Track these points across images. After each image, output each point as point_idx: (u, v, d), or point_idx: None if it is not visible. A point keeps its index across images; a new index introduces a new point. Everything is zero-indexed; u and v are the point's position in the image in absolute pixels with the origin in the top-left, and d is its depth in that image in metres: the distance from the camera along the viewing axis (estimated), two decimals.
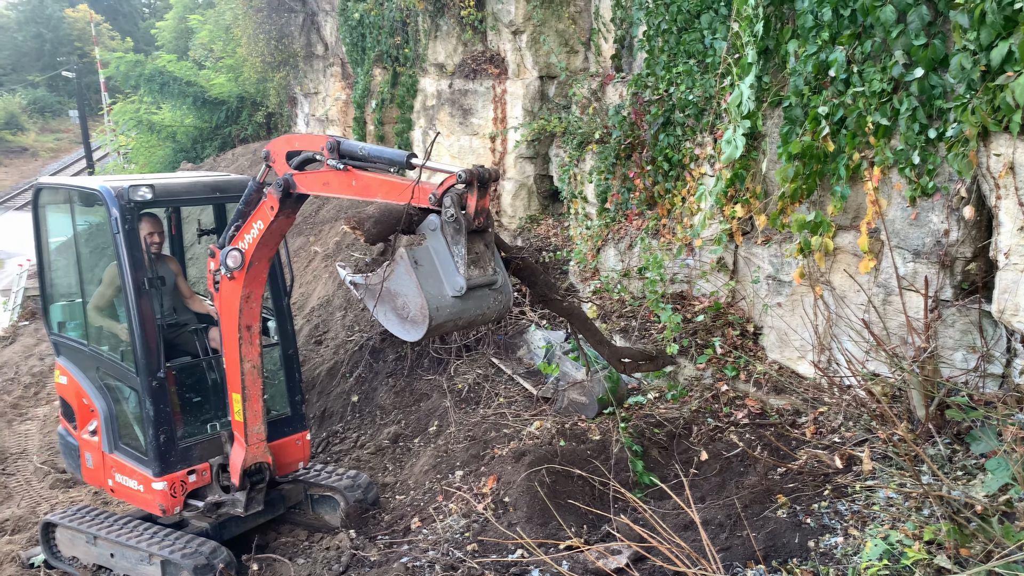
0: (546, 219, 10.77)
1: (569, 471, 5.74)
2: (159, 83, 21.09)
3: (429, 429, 7.84)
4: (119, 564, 5.79)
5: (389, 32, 13.00)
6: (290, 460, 6.56)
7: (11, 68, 70.17)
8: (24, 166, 58.03)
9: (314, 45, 17.52)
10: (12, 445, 9.76)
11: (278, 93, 19.60)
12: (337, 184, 4.63)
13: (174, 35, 37.58)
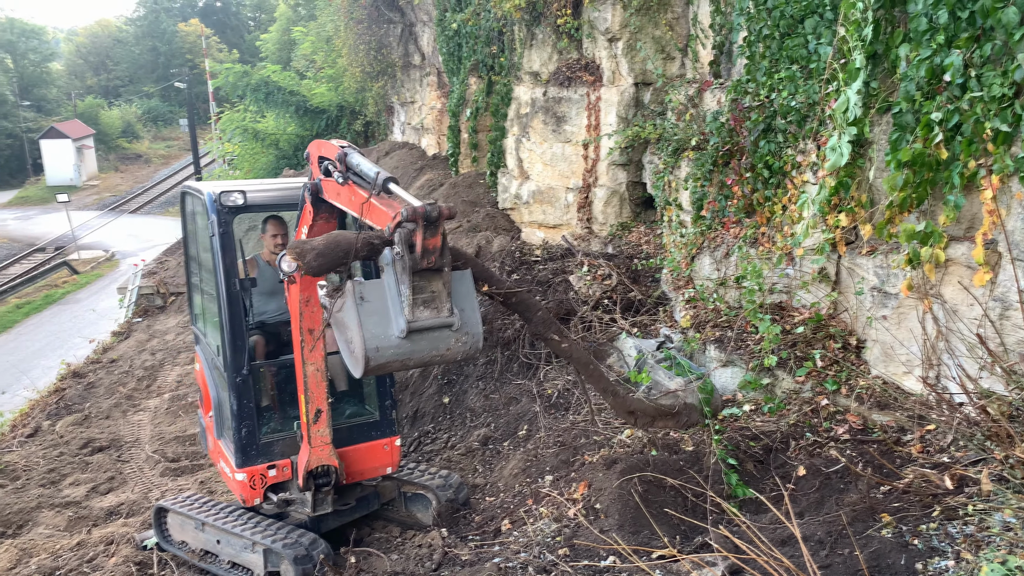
0: (638, 226, 10.71)
1: (661, 481, 5.68)
2: (264, 92, 22.02)
3: (519, 433, 7.91)
4: (224, 550, 6.07)
5: (485, 41, 13.20)
6: (377, 464, 6.53)
7: (128, 80, 74.55)
8: (138, 172, 61.56)
9: (411, 55, 17.95)
10: (126, 434, 10.35)
11: (376, 102, 20.16)
12: (343, 197, 4.57)
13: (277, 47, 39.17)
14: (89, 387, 12.34)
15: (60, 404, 11.61)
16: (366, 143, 22.20)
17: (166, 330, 15.44)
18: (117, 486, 8.61)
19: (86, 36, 79.22)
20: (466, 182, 14.50)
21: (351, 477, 6.41)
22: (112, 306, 24.25)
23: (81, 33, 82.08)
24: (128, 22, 77.92)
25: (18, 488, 8.47)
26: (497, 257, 11.52)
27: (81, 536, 7.10)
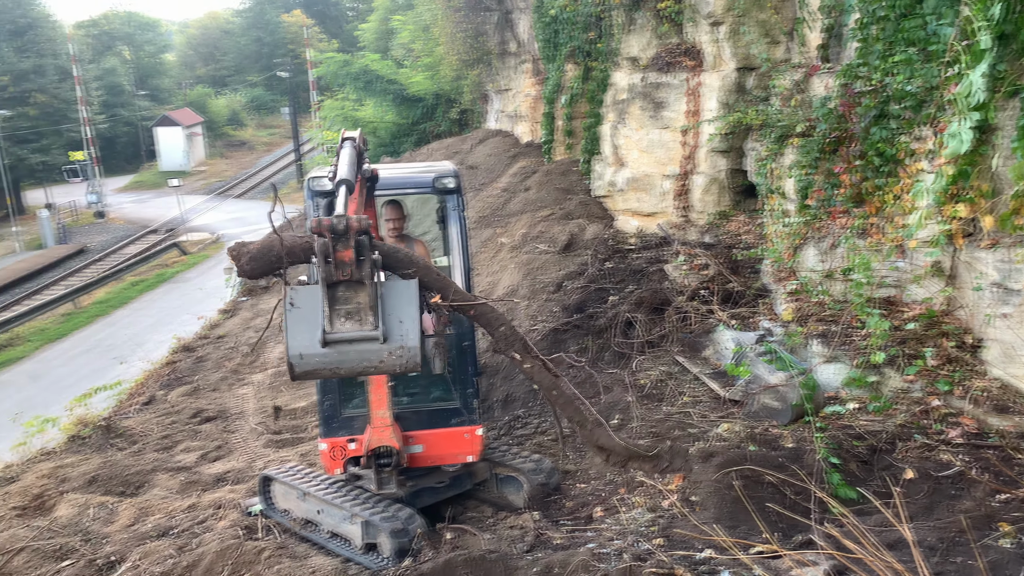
0: (738, 215, 10.46)
1: (759, 476, 5.56)
2: (364, 81, 22.54)
3: (611, 422, 7.86)
4: (325, 520, 6.29)
5: (583, 28, 13.11)
6: (456, 451, 6.47)
7: (235, 70, 77.49)
8: (243, 158, 64.11)
9: (507, 43, 18.01)
10: (232, 406, 10.84)
11: (471, 90, 20.33)
12: None
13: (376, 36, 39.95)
14: (199, 361, 12.98)
15: (172, 375, 12.26)
16: (461, 131, 22.44)
17: (269, 309, 16.08)
18: (224, 454, 9.04)
19: (197, 28, 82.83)
20: (560, 169, 14.48)
21: (430, 461, 6.44)
22: (219, 285, 25.40)
23: (192, 25, 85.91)
24: (236, 14, 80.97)
25: (136, 452, 9.01)
26: (590, 245, 11.48)
27: (192, 499, 7.49)
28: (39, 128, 44.40)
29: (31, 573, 6.07)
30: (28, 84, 43.82)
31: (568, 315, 9.66)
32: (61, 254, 36.62)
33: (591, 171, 13.23)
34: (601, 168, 12.76)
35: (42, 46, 45.10)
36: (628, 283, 9.77)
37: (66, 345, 24.85)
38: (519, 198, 14.65)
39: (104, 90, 54.60)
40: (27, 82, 43.76)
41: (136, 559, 6.04)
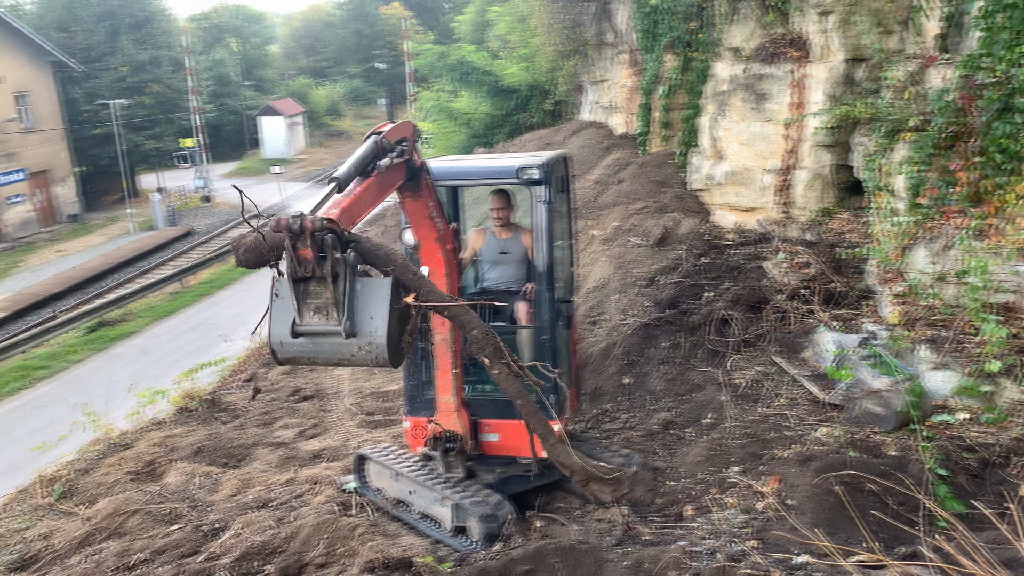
0: (841, 213, 10.09)
1: (860, 483, 5.38)
2: (460, 72, 22.77)
3: (703, 420, 7.74)
4: (416, 501, 6.43)
5: (684, 18, 12.87)
6: (527, 445, 6.13)
7: (335, 61, 79.62)
8: (340, 147, 65.86)
9: (604, 33, 17.86)
10: (328, 386, 11.19)
11: (566, 81, 20.27)
12: None
13: (472, 27, 40.27)
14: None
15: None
16: (554, 122, 22.41)
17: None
18: (320, 432, 9.35)
19: (300, 20, 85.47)
20: (655, 161, 14.28)
21: (505, 451, 6.45)
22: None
23: (296, 18, 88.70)
24: (337, 6, 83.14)
25: (238, 426, 9.42)
26: (685, 239, 11.29)
27: (290, 474, 7.78)
28: (153, 116, 46.77)
29: (143, 534, 6.45)
30: (145, 74, 46.17)
31: (660, 310, 9.54)
32: (170, 235, 38.56)
33: (688, 164, 12.99)
34: (698, 161, 12.52)
35: (158, 38, 47.42)
36: (724, 280, 9.57)
37: (173, 322, 26.17)
38: (612, 190, 14.53)
39: (213, 80, 57.02)
40: (144, 72, 46.11)
41: (238, 528, 6.32)
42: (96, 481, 7.73)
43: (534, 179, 6.17)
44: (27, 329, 25.73)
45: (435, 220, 5.65)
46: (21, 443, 16.95)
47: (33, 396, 20.89)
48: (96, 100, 42.73)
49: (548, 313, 6.32)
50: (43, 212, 40.43)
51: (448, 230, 5.86)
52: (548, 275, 6.30)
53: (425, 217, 5.55)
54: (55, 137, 41.10)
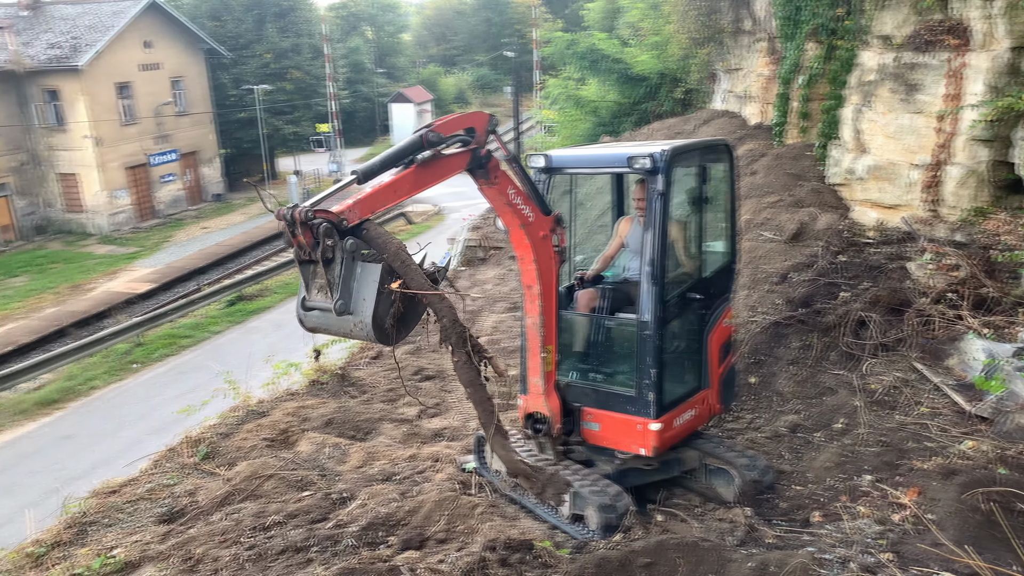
0: (998, 212, 9.37)
1: (1010, 502, 5.01)
2: (590, 60, 22.63)
3: (833, 425, 7.42)
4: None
5: (829, 4, 12.27)
6: (627, 440, 6.29)
7: (464, 49, 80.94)
8: None
9: (742, 20, 17.28)
10: (449, 368, 11.41)
11: (699, 69, 19.77)
12: None
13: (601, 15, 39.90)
14: (421, 323, 13.83)
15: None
16: (683, 111, 21.94)
17: (486, 280, 16.75)
18: (442, 412, 9.59)
19: (432, 9, 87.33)
20: (791, 153, 13.72)
21: (605, 442, 6.42)
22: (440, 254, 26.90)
23: (428, 6, 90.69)
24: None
25: (365, 400, 9.80)
26: (822, 236, 10.81)
27: (413, 450, 8.04)
28: (293, 101, 49.08)
29: (277, 497, 6.82)
30: (286, 61, 48.49)
31: (792, 309, 9.18)
32: None
33: (826, 157, 12.41)
34: (839, 154, 11.93)
35: (300, 27, 49.64)
36: (863, 279, 9.10)
37: None
38: (744, 182, 14.06)
39: (348, 67, 59.20)
40: (286, 59, 48.43)
41: (364, 498, 6.58)
42: (235, 445, 8.24)
43: (646, 168, 6.03)
44: (174, 300, 27.75)
45: (519, 207, 5.75)
46: (168, 405, 18.35)
47: (179, 363, 22.52)
48: (242, 85, 45.29)
49: (652, 309, 6.04)
50: (191, 191, 43.28)
51: (541, 219, 5.89)
52: (655, 269, 6.03)
53: (504, 204, 5.70)
54: (204, 120, 43.84)
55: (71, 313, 26.93)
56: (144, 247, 36.16)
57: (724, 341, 6.92)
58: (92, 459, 17.01)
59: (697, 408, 6.70)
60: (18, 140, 36.57)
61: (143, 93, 39.30)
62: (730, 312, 7.07)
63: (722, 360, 6.90)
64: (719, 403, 6.94)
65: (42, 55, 36.20)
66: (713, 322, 6.78)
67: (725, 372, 6.98)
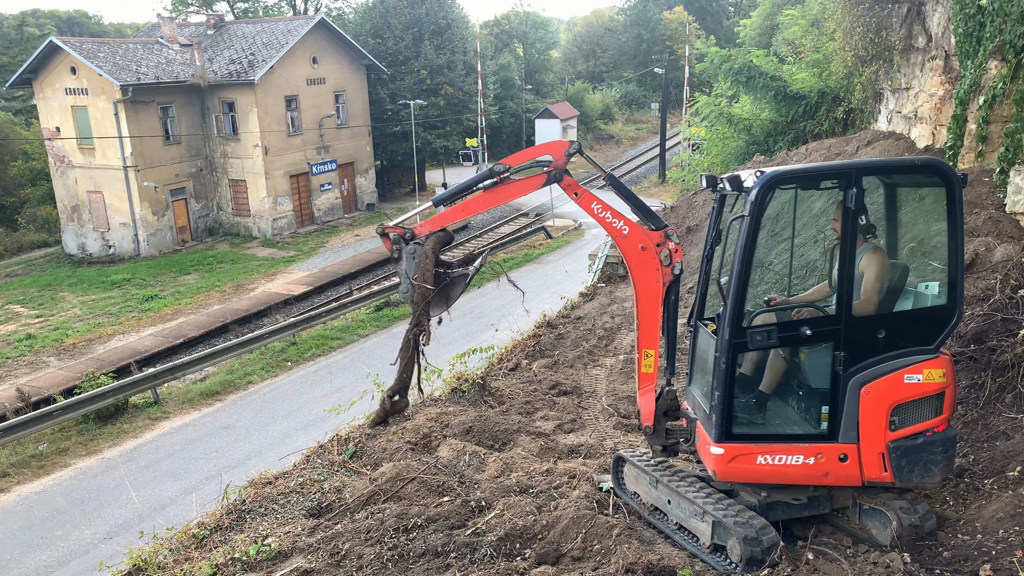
0: None
1: None
2: (745, 76, 22.05)
3: (1008, 473, 6.80)
4: (673, 511, 6.34)
5: (1019, 19, 11.33)
6: (704, 457, 6.34)
7: (612, 66, 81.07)
8: (609, 151, 66.93)
9: (915, 37, 16.29)
10: (585, 385, 11.42)
11: (864, 88, 18.80)
12: None
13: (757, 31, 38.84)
14: (559, 337, 13.88)
15: (536, 347, 13.27)
16: (844, 131, 20.91)
17: (625, 297, 16.60)
18: (577, 428, 9.57)
19: (583, 26, 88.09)
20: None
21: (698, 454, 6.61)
22: (579, 269, 26.91)
23: (579, 23, 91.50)
24: (620, 11, 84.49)
25: (503, 411, 9.94)
26: (999, 268, 9.96)
27: (549, 464, 8.06)
28: (444, 116, 50.83)
29: (419, 500, 7.02)
30: (441, 77, 50.34)
31: (962, 344, 8.51)
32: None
33: (1007, 183, 11.45)
34: (1021, 181, 10.99)
35: (455, 44, 51.42)
36: None
37: None
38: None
39: (498, 83, 60.68)
40: (440, 75, 50.28)
41: (501, 508, 6.65)
42: (381, 446, 8.56)
43: (725, 191, 6.21)
44: (326, 303, 29.34)
45: (608, 221, 6.61)
46: (317, 403, 19.40)
47: (329, 362, 23.75)
48: (398, 100, 47.36)
49: (728, 326, 5.83)
50: (346, 200, 45.66)
51: (638, 232, 6.55)
52: (733, 283, 5.81)
53: (596, 217, 6.69)
54: (362, 132, 46.20)
55: (234, 311, 29.08)
56: (301, 251, 38.48)
57: (899, 400, 5.99)
58: (247, 449, 18.24)
59: (822, 459, 6.04)
60: (197, 148, 39.98)
61: (308, 106, 41.93)
62: (931, 369, 5.96)
63: (896, 423, 6.01)
64: (890, 472, 6.01)
65: (223, 70, 39.42)
66: (879, 373, 5.98)
67: (909, 438, 6.01)
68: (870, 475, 6.02)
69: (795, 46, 24.68)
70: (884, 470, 5.98)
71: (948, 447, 6.01)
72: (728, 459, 5.97)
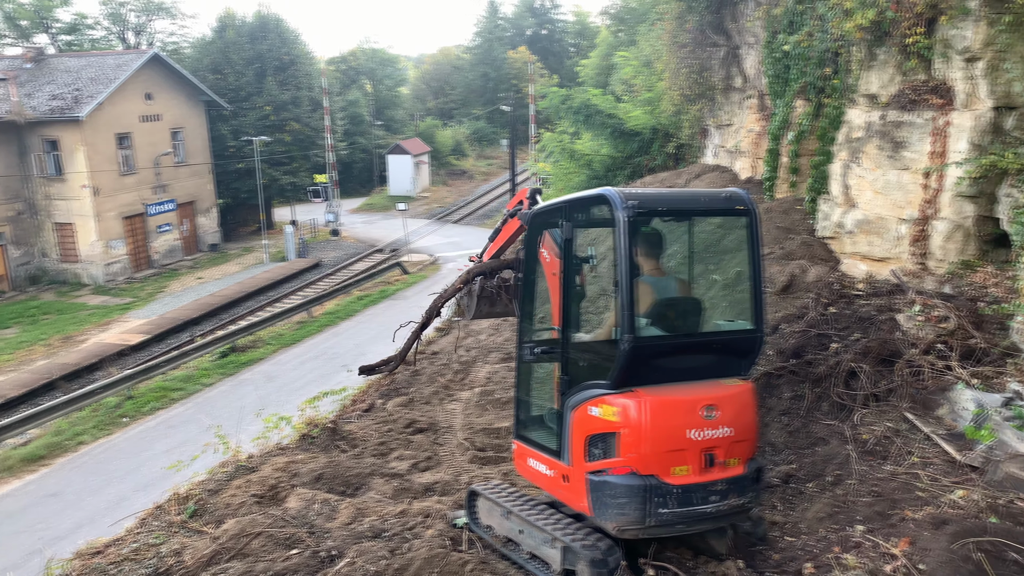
0: (985, 266, 9.47)
1: (1002, 551, 4.99)
2: (584, 114, 23.08)
3: (826, 476, 7.40)
4: (526, 541, 6.42)
5: (817, 63, 12.59)
6: None
7: (461, 103, 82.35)
8: (462, 186, 67.78)
9: (733, 78, 17.69)
10: (441, 420, 11.40)
11: (691, 125, 20.15)
12: None
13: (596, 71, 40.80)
14: (414, 374, 13.80)
15: (391, 386, 13.13)
16: (676, 165, 22.29)
17: (480, 330, 16.76)
18: (433, 465, 9.52)
19: (431, 63, 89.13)
20: (781, 207, 13.91)
21: None
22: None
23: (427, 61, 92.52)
24: (466, 50, 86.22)
25: (356, 455, 9.73)
26: (812, 288, 10.90)
27: (403, 506, 7.95)
28: (291, 152, 49.70)
29: (265, 556, 6.72)
30: (286, 113, 49.26)
31: (784, 360, 9.23)
32: (300, 267, 40.62)
33: (816, 211, 12.59)
34: (828, 208, 12.11)
35: (300, 80, 50.56)
36: (853, 331, 9.16)
37: (298, 350, 27.41)
38: (733, 236, 14.22)
39: (347, 120, 60.15)
40: (285, 112, 49.21)
41: (353, 556, 6.49)
42: (224, 501, 8.14)
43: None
44: (166, 352, 27.63)
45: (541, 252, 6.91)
46: (158, 460, 18.14)
47: (169, 416, 22.33)
48: (241, 137, 45.89)
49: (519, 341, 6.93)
50: (187, 241, 43.50)
51: (552, 261, 6.70)
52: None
53: None
54: (203, 171, 44.33)
55: (61, 366, 26.79)
56: (138, 298, 36.18)
57: (591, 431, 5.74)
58: (78, 517, 16.72)
59: (557, 473, 6.14)
60: (16, 190, 36.88)
61: (143, 144, 39.80)
62: (605, 405, 5.65)
63: (594, 454, 5.73)
64: (588, 504, 5.76)
65: (44, 106, 36.73)
66: (580, 400, 5.86)
67: (597, 473, 5.68)
68: (579, 504, 5.89)
69: (629, 85, 26.11)
70: (584, 501, 5.80)
71: (630, 494, 5.48)
72: (517, 456, 6.87)
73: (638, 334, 5.58)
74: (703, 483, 5.56)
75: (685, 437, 5.52)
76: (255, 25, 50.03)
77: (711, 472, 5.60)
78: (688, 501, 5.53)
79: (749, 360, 6.28)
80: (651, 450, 5.45)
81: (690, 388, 5.79)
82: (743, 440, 5.83)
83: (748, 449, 5.94)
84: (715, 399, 5.68)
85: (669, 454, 5.48)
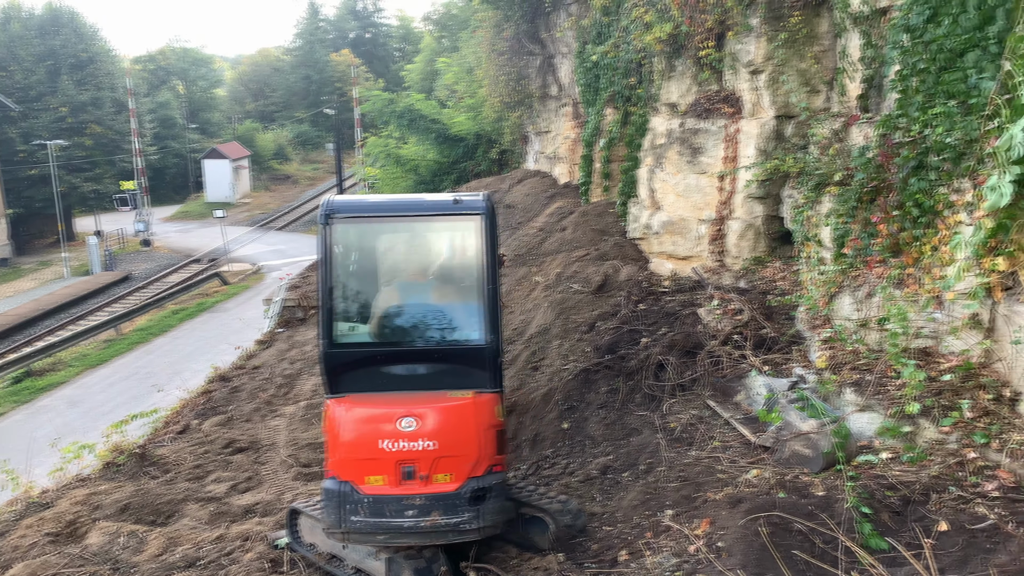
0: (773, 262, 10.40)
1: (788, 524, 5.48)
2: (408, 119, 23.03)
3: (639, 465, 7.80)
4: (350, 556, 6.31)
5: (623, 73, 13.29)
6: None
7: (283, 106, 79.54)
8: (286, 192, 65.43)
9: (549, 86, 18.30)
10: (264, 438, 10.95)
11: (512, 131, 20.64)
12: None
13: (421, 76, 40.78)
14: (234, 391, 13.16)
15: (207, 405, 12.45)
16: (500, 170, 22.74)
17: (305, 341, 16.27)
18: (254, 486, 9.12)
19: (248, 65, 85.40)
20: (596, 210, 14.57)
21: None
22: (257, 316, 25.77)
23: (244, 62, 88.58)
24: (286, 52, 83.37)
25: (168, 481, 9.14)
26: (624, 286, 11.49)
27: (221, 530, 7.55)
28: (93, 158, 45.95)
29: None
30: (85, 115, 45.48)
31: (600, 355, 9.65)
32: (106, 281, 37.58)
33: (627, 213, 13.29)
34: (637, 211, 12.82)
35: (101, 80, 46.87)
36: (661, 325, 9.75)
37: (106, 371, 25.35)
38: (555, 238, 14.74)
39: (157, 123, 56.45)
40: (84, 113, 45.42)
41: None
42: (12, 544, 7.37)
43: None
44: None
45: None
46: None
47: None
48: (33, 140, 41.82)
49: None
50: None
51: None
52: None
53: None
54: None
55: None
56: None
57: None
58: None
59: None
60: None
61: None
62: (325, 410, 6.08)
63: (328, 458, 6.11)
64: None
65: None
66: None
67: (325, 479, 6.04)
68: None
69: (452, 91, 26.36)
70: None
71: (329, 499, 5.76)
72: None
73: (336, 341, 5.70)
74: (397, 496, 5.55)
75: (377, 447, 5.54)
76: (45, 18, 45.85)
77: (408, 485, 5.57)
78: (380, 512, 5.54)
79: (492, 373, 6.08)
80: (345, 457, 5.61)
81: (394, 398, 5.77)
82: (452, 456, 5.68)
83: (463, 466, 5.72)
84: (416, 411, 5.64)
85: (363, 462, 5.57)
